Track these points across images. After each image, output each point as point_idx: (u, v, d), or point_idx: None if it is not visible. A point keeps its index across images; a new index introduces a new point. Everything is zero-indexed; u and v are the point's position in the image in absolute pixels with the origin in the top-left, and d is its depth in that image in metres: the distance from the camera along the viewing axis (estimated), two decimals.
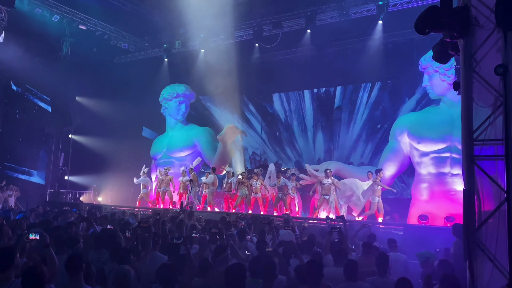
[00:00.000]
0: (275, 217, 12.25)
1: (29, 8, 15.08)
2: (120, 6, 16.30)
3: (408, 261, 6.60)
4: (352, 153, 17.25)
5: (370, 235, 7.69)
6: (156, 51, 19.32)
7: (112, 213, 11.15)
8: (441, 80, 12.67)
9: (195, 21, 16.84)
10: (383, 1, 13.73)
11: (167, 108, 18.72)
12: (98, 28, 17.34)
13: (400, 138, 13.68)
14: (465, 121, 4.65)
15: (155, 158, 18.82)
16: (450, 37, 4.72)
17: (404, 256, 6.68)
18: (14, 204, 14.84)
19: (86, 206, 14.35)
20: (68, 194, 17.85)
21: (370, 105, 17.15)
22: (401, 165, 13.85)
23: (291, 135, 18.89)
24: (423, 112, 13.88)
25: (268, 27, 16.07)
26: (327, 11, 14.99)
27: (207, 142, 17.71)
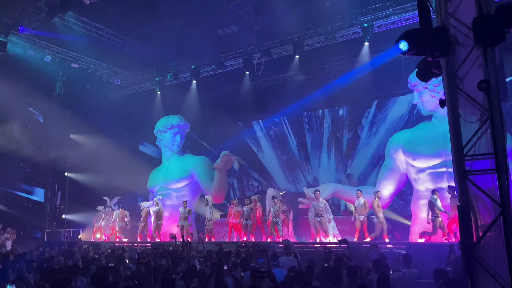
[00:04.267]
0: (277, 243, 12.15)
1: (21, 51, 15.33)
2: (110, 43, 16.58)
3: (420, 277, 6.57)
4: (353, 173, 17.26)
5: (380, 256, 7.60)
6: (148, 84, 19.55)
7: (112, 250, 11.03)
8: (431, 96, 12.79)
9: (185, 53, 17.18)
10: (367, 23, 14.02)
11: (162, 140, 18.76)
12: (90, 65, 17.59)
13: (395, 156, 13.72)
14: (454, 137, 4.70)
15: (152, 190, 18.71)
16: (432, 56, 4.83)
17: (416, 271, 6.66)
18: (11, 247, 14.61)
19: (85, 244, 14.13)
20: (66, 233, 17.63)
21: (362, 125, 17.33)
22: (398, 183, 13.82)
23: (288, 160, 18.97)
24: (416, 128, 13.97)
25: (257, 55, 16.32)
26: (314, 36, 15.28)
27: (203, 171, 17.67)
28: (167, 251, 9.06)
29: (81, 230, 18.40)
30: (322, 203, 12.79)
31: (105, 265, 7.66)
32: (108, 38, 16.39)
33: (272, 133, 19.77)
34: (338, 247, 10.18)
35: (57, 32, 15.05)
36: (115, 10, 14.44)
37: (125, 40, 17.03)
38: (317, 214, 12.63)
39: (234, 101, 18.37)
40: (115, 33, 16.51)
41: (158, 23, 14.66)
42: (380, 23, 14.06)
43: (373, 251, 8.32)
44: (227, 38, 16.41)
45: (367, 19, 14.06)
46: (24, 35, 14.95)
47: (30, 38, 15.38)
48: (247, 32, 15.44)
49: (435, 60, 4.93)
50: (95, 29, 15.81)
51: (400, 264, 7.51)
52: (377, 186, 13.90)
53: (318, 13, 14.37)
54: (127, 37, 16.94)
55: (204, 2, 13.73)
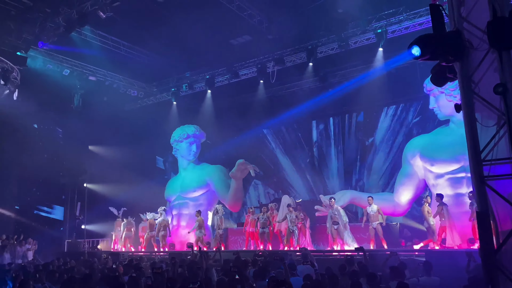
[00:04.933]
0: (294, 252, 12.08)
1: (40, 65, 15.72)
2: (126, 55, 16.87)
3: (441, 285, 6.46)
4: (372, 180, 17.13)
5: (400, 264, 7.49)
6: (164, 95, 19.81)
7: (129, 260, 11.12)
8: (448, 100, 12.64)
9: (199, 64, 17.38)
10: (381, 29, 13.96)
11: (178, 150, 18.91)
12: (107, 78, 17.91)
13: (412, 162, 13.56)
14: (471, 142, 4.63)
15: (170, 200, 18.85)
16: (446, 61, 4.78)
17: (437, 279, 6.55)
18: (32, 258, 14.88)
19: (104, 254, 14.30)
20: (85, 243, 17.87)
21: (378, 131, 17.19)
22: (416, 189, 13.64)
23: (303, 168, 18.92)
24: (433, 133, 13.79)
25: (271, 63, 16.39)
26: (327, 43, 15.28)
27: (220, 180, 17.72)
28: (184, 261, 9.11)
29: (100, 240, 18.63)
30: (337, 211, 12.68)
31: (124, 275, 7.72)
32: (124, 50, 16.69)
33: (287, 140, 19.76)
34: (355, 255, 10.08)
35: (75, 46, 15.38)
36: (131, 23, 14.73)
37: (141, 52, 17.31)
38: (334, 222, 12.53)
39: (249, 109, 18.46)
40: (131, 45, 16.80)
41: (173, 35, 14.89)
42: (393, 28, 13.99)
43: (393, 258, 8.22)
44: (240, 48, 16.53)
45: (380, 24, 14.01)
46: (43, 50, 15.33)
47: (49, 52, 15.77)
48: (260, 41, 15.53)
49: (449, 65, 4.88)
50: (112, 42, 16.12)
51: (421, 272, 7.39)
52: (395, 192, 13.76)
53: (331, 20, 14.40)
54: (142, 49, 17.22)
55: (218, 13, 13.87)
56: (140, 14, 14.22)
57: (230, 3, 13.46)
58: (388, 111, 17.20)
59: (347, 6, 13.60)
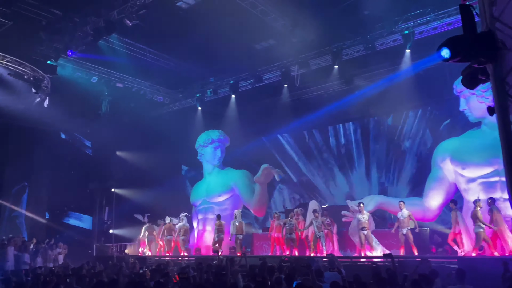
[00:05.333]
0: (320, 258, 11.91)
1: (70, 73, 16.15)
2: (152, 62, 17.14)
3: None
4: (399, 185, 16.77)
5: (431, 271, 7.27)
6: (189, 101, 20.01)
7: (157, 264, 11.22)
8: (479, 102, 12.23)
9: (224, 69, 17.47)
10: (408, 30, 13.68)
11: (203, 155, 19.03)
12: (134, 84, 18.24)
13: (442, 165, 13.17)
14: (505, 145, 4.44)
15: (195, 204, 18.97)
16: (478, 63, 4.61)
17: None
18: (63, 261, 15.23)
19: (132, 259, 14.49)
20: (113, 247, 18.16)
21: (409, 134, 16.81)
22: (447, 193, 13.21)
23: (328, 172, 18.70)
24: (464, 136, 13.36)
25: (295, 67, 16.30)
26: (352, 45, 15.08)
27: (244, 184, 17.71)
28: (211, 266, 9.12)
29: (127, 244, 18.90)
30: (367, 216, 12.46)
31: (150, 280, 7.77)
32: (150, 57, 16.96)
33: (312, 145, 19.58)
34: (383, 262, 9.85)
35: (103, 54, 15.74)
36: (156, 30, 14.96)
37: (166, 59, 17.56)
38: (363, 228, 12.29)
39: (273, 114, 18.43)
40: (157, 52, 17.06)
41: (197, 41, 15.03)
42: (421, 29, 13.68)
43: (423, 265, 7.98)
44: (264, 52, 16.53)
45: (407, 25, 13.73)
46: (72, 58, 15.74)
47: (78, 60, 16.19)
48: (284, 44, 15.46)
49: (481, 67, 4.70)
50: (138, 50, 16.41)
51: (453, 280, 7.15)
52: (424, 197, 13.39)
53: (357, 22, 14.21)
54: (168, 55, 17.46)
55: (241, 18, 13.90)
56: (165, 21, 14.43)
57: (253, 8, 13.46)
58: (416, 113, 16.82)
59: (373, 7, 13.40)
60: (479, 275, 8.27)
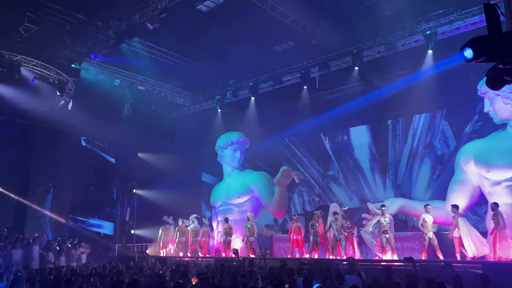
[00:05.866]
0: (340, 261, 11.82)
1: (92, 76, 16.49)
2: (173, 65, 17.35)
3: None
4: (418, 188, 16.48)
5: (454, 276, 7.11)
6: (209, 103, 20.16)
7: (177, 265, 11.32)
8: (505, 103, 11.96)
9: (243, 71, 17.54)
10: (430, 30, 13.44)
11: (223, 156, 19.15)
12: (155, 87, 18.49)
13: (466, 168, 12.89)
14: None
15: (215, 206, 19.10)
16: (503, 63, 4.48)
17: None
18: (86, 261, 15.52)
19: (153, 259, 14.67)
20: (134, 247, 18.42)
21: (430, 136, 16.50)
22: (471, 197, 12.93)
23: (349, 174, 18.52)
24: (488, 138, 13.05)
25: (315, 68, 16.22)
26: (373, 46, 14.89)
27: (263, 186, 17.73)
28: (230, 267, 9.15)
29: (148, 245, 19.14)
30: (388, 219, 12.28)
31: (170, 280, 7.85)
32: (171, 60, 17.17)
33: (331, 147, 19.40)
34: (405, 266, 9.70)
35: (125, 57, 16.02)
36: (177, 33, 15.16)
37: (187, 62, 17.75)
38: (385, 231, 12.10)
39: (292, 116, 18.39)
40: (177, 55, 17.27)
41: (217, 44, 15.16)
42: (444, 29, 13.42)
43: (447, 270, 7.82)
44: (284, 54, 16.52)
45: (429, 26, 13.48)
46: (95, 62, 16.07)
47: (101, 64, 16.51)
48: (304, 46, 15.44)
49: (506, 67, 4.57)
50: (159, 53, 16.64)
51: (477, 286, 6.98)
52: (447, 200, 13.13)
53: (377, 23, 14.02)
54: (188, 58, 17.65)
55: (261, 20, 13.94)
56: (185, 24, 14.61)
57: (273, 10, 13.48)
58: (438, 115, 16.47)
59: (394, 8, 13.23)
60: (504, 281, 8.06)
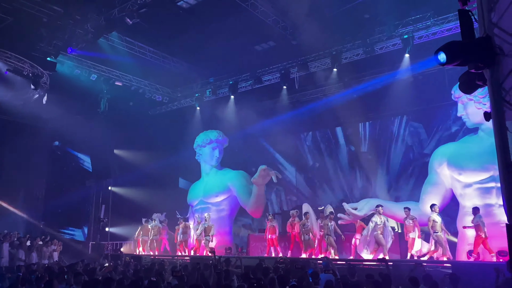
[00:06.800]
0: (315, 260, 11.93)
1: (69, 70, 16.13)
2: (152, 61, 17.14)
3: None
4: (390, 189, 16.81)
5: (425, 276, 7.31)
6: (188, 100, 20.02)
7: (152, 263, 11.21)
8: (477, 108, 12.28)
9: (223, 69, 17.49)
10: (408, 34, 13.72)
11: (201, 155, 19.04)
12: (133, 83, 18.23)
13: (439, 170, 13.21)
14: (500, 151, 4.46)
15: (192, 204, 18.97)
16: (475, 68, 4.63)
17: None
18: (58, 259, 15.19)
19: (127, 257, 14.48)
20: (109, 245, 18.14)
21: (404, 139, 16.86)
22: (443, 198, 13.26)
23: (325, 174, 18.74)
24: (461, 142, 13.42)
25: (295, 69, 16.33)
26: (352, 49, 15.11)
27: (242, 185, 17.72)
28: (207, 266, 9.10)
29: (123, 243, 18.89)
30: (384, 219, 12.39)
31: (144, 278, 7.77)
32: (150, 56, 16.97)
33: (310, 147, 19.60)
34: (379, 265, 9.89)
35: (102, 52, 15.72)
36: (157, 29, 14.98)
37: (166, 58, 17.57)
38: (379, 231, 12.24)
39: (272, 115, 18.45)
40: (157, 51, 17.07)
41: (197, 41, 15.06)
42: (421, 34, 13.72)
43: (418, 269, 8.03)
44: (264, 53, 16.56)
45: (407, 30, 13.77)
46: (72, 56, 15.72)
47: (77, 58, 16.16)
48: (284, 46, 15.50)
49: (478, 72, 4.72)
50: (138, 48, 16.41)
51: (447, 285, 7.19)
52: (420, 201, 13.43)
53: (357, 25, 14.24)
54: (167, 55, 17.48)
55: (242, 19, 13.93)
56: (166, 21, 14.45)
57: (254, 9, 13.49)
58: (414, 118, 16.85)
59: (373, 11, 13.44)
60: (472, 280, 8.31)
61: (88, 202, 19.82)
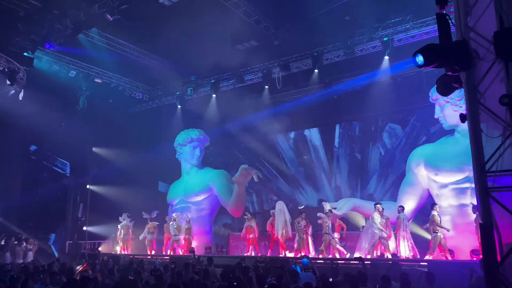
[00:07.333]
0: (295, 259, 12.00)
1: (47, 66, 15.81)
2: (133, 58, 16.95)
3: None
4: (369, 189, 17.06)
5: (401, 274, 7.43)
6: (169, 98, 19.86)
7: (130, 263, 11.10)
8: (453, 110, 12.56)
9: (205, 68, 17.41)
10: (387, 37, 13.94)
11: (182, 154, 18.90)
12: (113, 80, 17.99)
13: (416, 171, 13.48)
14: (475, 153, 4.59)
15: (172, 204, 18.82)
16: (452, 71, 4.75)
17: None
18: (33, 258, 14.87)
19: (105, 257, 14.28)
20: (86, 244, 17.86)
21: (383, 139, 17.14)
22: (420, 198, 13.54)
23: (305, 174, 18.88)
24: (438, 143, 13.71)
25: (277, 69, 16.40)
26: (333, 50, 15.28)
27: (222, 185, 17.68)
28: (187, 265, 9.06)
29: (102, 242, 18.60)
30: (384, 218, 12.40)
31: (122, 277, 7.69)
32: (131, 53, 16.77)
33: (292, 147, 19.73)
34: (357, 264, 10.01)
35: (82, 48, 15.47)
36: (138, 26, 14.79)
37: (147, 55, 17.40)
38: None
39: (254, 114, 18.46)
40: (138, 48, 16.89)
41: (179, 39, 14.92)
42: (400, 37, 13.96)
43: (394, 268, 8.17)
44: (246, 53, 16.56)
45: (387, 33, 13.99)
46: (50, 51, 15.41)
47: (56, 53, 15.85)
48: (266, 47, 15.55)
49: (455, 74, 4.85)
50: (118, 45, 16.21)
51: (423, 283, 7.33)
52: (398, 201, 13.66)
53: (338, 27, 14.38)
54: (149, 52, 17.30)
55: (225, 18, 13.90)
56: (147, 17, 14.28)
57: (237, 9, 13.49)
58: (392, 119, 17.13)
59: (354, 13, 13.61)
60: (447, 278, 8.50)
61: (65, 201, 19.44)
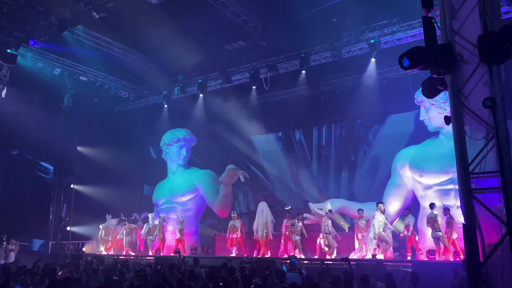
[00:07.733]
0: (281, 259, 12.03)
1: (31, 63, 15.54)
2: (119, 56, 16.78)
3: None
4: (354, 190, 17.19)
5: (386, 274, 7.49)
6: (156, 98, 19.70)
7: (114, 263, 10.97)
8: (438, 113, 12.73)
9: (192, 67, 17.34)
10: (374, 39, 14.06)
11: (168, 153, 18.76)
12: (99, 78, 17.77)
13: (402, 172, 13.62)
14: (459, 154, 4.65)
15: (157, 204, 18.67)
16: (437, 73, 4.81)
17: None
18: (15, 259, 14.60)
19: (89, 257, 14.08)
20: (70, 245, 17.60)
21: (369, 140, 17.30)
22: (405, 200, 13.69)
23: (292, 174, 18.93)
24: (423, 145, 13.87)
25: (264, 69, 16.42)
26: (320, 51, 15.35)
27: (209, 185, 17.61)
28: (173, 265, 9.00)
29: (85, 242, 18.36)
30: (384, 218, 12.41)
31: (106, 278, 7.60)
32: (117, 51, 16.60)
33: (279, 147, 19.74)
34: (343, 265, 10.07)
35: (67, 45, 15.25)
36: (124, 24, 14.64)
37: (133, 54, 17.24)
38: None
39: (241, 115, 18.45)
40: (124, 47, 16.73)
41: (166, 37, 14.82)
42: (386, 39, 14.09)
43: (379, 268, 8.23)
44: (234, 53, 16.55)
45: (373, 35, 14.11)
46: (34, 48, 15.16)
47: (40, 51, 15.60)
48: (254, 47, 15.55)
49: (440, 77, 4.91)
50: (104, 43, 16.03)
51: (407, 283, 7.40)
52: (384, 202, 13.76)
53: (325, 29, 14.47)
54: (135, 50, 17.15)
55: (213, 18, 13.87)
56: (134, 16, 14.13)
57: (225, 8, 13.46)
58: (377, 120, 17.29)
59: (341, 15, 13.70)
60: (432, 279, 8.60)
61: (48, 200, 19.12)
